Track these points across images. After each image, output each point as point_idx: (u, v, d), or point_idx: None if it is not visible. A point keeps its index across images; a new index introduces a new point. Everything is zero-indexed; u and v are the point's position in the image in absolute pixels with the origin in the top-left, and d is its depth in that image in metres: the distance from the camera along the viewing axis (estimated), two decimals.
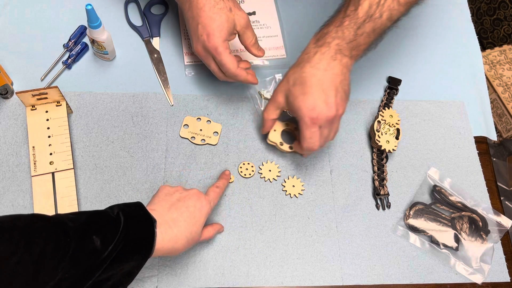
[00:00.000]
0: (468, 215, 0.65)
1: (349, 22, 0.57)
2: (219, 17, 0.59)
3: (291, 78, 0.59)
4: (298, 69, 0.58)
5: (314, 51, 0.58)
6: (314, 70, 0.57)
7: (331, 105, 0.56)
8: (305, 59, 0.58)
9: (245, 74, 0.63)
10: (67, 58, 0.70)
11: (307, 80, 0.57)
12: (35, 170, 0.59)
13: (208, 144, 0.67)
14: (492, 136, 0.74)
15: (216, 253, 0.60)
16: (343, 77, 0.57)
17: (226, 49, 0.60)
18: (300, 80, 0.57)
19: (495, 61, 1.46)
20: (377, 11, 0.57)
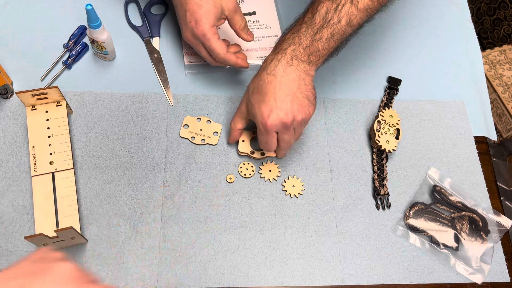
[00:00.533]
0: (468, 215, 0.65)
1: (306, 28, 0.58)
2: (205, 3, 0.60)
3: (251, 87, 0.60)
4: (256, 77, 0.59)
5: (270, 58, 0.58)
6: (270, 77, 0.57)
7: (285, 110, 0.56)
8: (262, 67, 0.59)
9: (235, 58, 0.65)
10: (67, 58, 0.70)
11: (263, 87, 0.57)
12: (35, 170, 0.59)
13: (208, 144, 0.67)
14: (492, 136, 0.74)
15: (216, 253, 0.60)
16: (301, 82, 0.57)
17: (215, 35, 0.61)
18: (258, 88, 0.58)
19: (495, 61, 1.46)
20: (334, 16, 0.57)
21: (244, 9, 0.79)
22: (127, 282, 0.58)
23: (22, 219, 0.60)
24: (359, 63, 0.77)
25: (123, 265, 0.58)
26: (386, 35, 0.80)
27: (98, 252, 0.59)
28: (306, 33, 0.57)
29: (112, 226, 0.60)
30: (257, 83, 0.58)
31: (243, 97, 0.63)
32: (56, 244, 0.56)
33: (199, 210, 0.62)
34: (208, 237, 0.61)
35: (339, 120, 0.71)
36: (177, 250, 0.60)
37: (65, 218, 0.57)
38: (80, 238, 0.57)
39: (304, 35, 0.57)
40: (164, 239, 0.60)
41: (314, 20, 0.58)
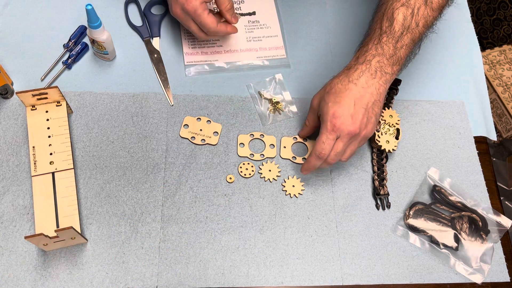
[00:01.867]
0: (468, 215, 0.65)
1: (387, 37, 0.58)
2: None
3: (328, 86, 0.60)
4: (337, 80, 0.59)
5: (355, 67, 0.59)
6: (351, 85, 0.58)
7: (356, 121, 0.57)
8: (345, 73, 0.59)
9: (225, 28, 0.67)
10: (67, 58, 0.70)
11: (342, 92, 0.58)
12: (35, 170, 0.59)
13: (208, 144, 0.67)
14: (492, 136, 0.74)
15: (216, 253, 0.60)
16: (377, 98, 0.58)
17: (205, 10, 0.63)
18: (336, 90, 0.58)
19: (495, 61, 1.46)
20: (412, 21, 0.58)
21: (244, 9, 0.79)
22: (127, 282, 0.58)
23: (22, 219, 0.60)
24: None
25: (123, 265, 0.58)
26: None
27: (98, 252, 0.59)
28: (388, 43, 0.58)
29: (112, 226, 0.60)
30: (335, 86, 0.59)
31: (316, 95, 0.63)
32: (56, 244, 0.56)
33: (199, 210, 0.63)
34: (208, 237, 0.61)
35: None
36: (177, 250, 0.60)
37: (65, 218, 0.57)
38: (80, 238, 0.57)
39: (387, 45, 0.58)
40: (164, 239, 0.60)
41: (393, 29, 0.58)
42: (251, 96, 0.71)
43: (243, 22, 0.77)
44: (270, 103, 0.71)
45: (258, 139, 0.68)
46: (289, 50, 0.76)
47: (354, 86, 0.57)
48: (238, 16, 0.70)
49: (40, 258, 0.58)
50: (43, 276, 0.57)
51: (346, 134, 0.57)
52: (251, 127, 0.69)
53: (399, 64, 0.59)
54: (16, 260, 0.57)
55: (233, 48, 0.75)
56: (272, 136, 0.68)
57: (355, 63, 0.59)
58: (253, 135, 0.68)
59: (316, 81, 0.74)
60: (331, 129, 0.57)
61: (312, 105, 0.63)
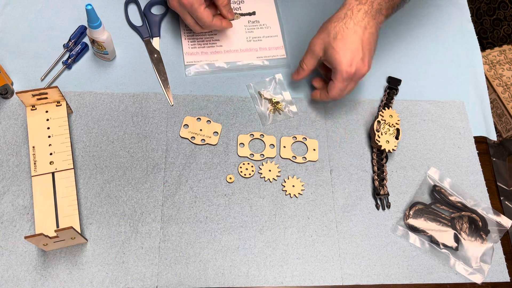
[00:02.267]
0: (468, 215, 0.65)
1: None
2: None
3: (333, 31, 0.60)
4: (341, 24, 0.60)
5: (357, 8, 0.60)
6: (357, 27, 0.59)
7: (366, 63, 0.61)
8: (348, 15, 0.60)
9: (220, 23, 0.68)
10: (67, 58, 0.70)
11: (349, 36, 0.59)
12: (35, 170, 0.59)
13: (208, 144, 0.67)
14: (492, 136, 0.74)
15: (216, 253, 0.60)
16: (377, 36, 0.62)
17: (201, 5, 0.64)
18: (342, 35, 0.60)
19: (495, 61, 1.46)
20: None
21: (244, 9, 0.79)
22: (127, 282, 0.58)
23: (22, 219, 0.60)
24: None
25: (123, 265, 0.58)
26: (386, 35, 0.80)
27: (98, 252, 0.59)
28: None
29: (112, 226, 0.60)
30: (341, 30, 0.60)
31: (316, 38, 0.62)
32: (56, 244, 0.56)
33: (199, 210, 0.63)
34: (208, 237, 0.61)
35: (339, 120, 0.71)
36: (177, 250, 0.60)
37: (65, 218, 0.57)
38: (80, 238, 0.57)
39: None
40: (164, 239, 0.60)
41: None
42: (251, 96, 0.71)
43: (243, 22, 0.77)
44: (270, 103, 0.71)
45: (258, 139, 0.68)
46: (289, 50, 0.76)
47: (359, 29, 0.59)
48: (238, 16, 0.70)
49: (40, 258, 0.58)
50: (43, 276, 0.57)
51: (359, 77, 0.61)
52: (251, 127, 0.69)
53: (392, 9, 0.62)
54: (16, 260, 0.57)
55: (233, 48, 0.75)
56: (272, 136, 0.68)
57: (357, 3, 0.60)
58: (253, 135, 0.68)
59: None
60: (347, 77, 0.61)
61: (313, 50, 0.63)
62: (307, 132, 0.70)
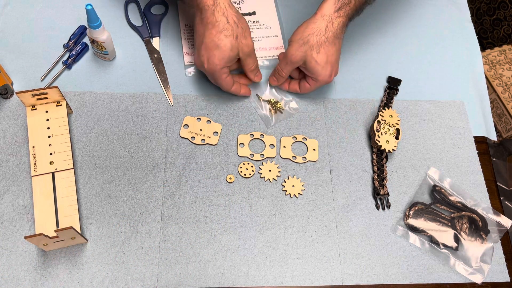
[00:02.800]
0: (468, 215, 0.65)
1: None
2: (223, 45, 0.61)
3: (315, 45, 0.62)
4: (323, 37, 0.62)
5: (336, 20, 0.62)
6: (336, 40, 0.63)
7: (337, 72, 0.67)
8: (329, 28, 0.62)
9: (239, 90, 0.68)
10: (67, 58, 0.70)
11: (329, 49, 0.63)
12: (35, 170, 0.59)
13: (208, 144, 0.67)
14: (492, 136, 0.74)
15: (216, 253, 0.60)
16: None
17: (223, 74, 0.64)
18: (324, 49, 0.62)
19: (495, 61, 1.46)
20: None
21: (244, 9, 0.79)
22: (127, 282, 0.58)
23: (22, 219, 0.60)
24: (359, 63, 0.77)
25: (123, 265, 0.58)
26: (386, 35, 0.80)
27: (98, 252, 0.59)
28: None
29: (112, 226, 0.60)
30: (323, 44, 0.62)
31: (296, 50, 0.63)
32: (56, 244, 0.56)
33: (199, 210, 0.63)
34: (208, 237, 0.61)
35: (339, 120, 0.71)
36: (177, 250, 0.60)
37: (65, 218, 0.57)
38: (80, 238, 0.57)
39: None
40: (164, 239, 0.60)
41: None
42: (250, 101, 0.71)
43: None
44: (270, 104, 0.71)
45: (258, 139, 0.68)
46: None
47: (337, 42, 0.64)
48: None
49: (40, 258, 0.58)
50: (43, 276, 0.57)
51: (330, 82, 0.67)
52: (251, 127, 0.69)
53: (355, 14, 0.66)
54: (16, 260, 0.57)
55: None
56: (272, 136, 0.68)
57: (336, 16, 0.62)
58: (253, 135, 0.68)
59: None
60: (323, 84, 0.67)
61: (293, 62, 0.64)
62: (307, 132, 0.70)
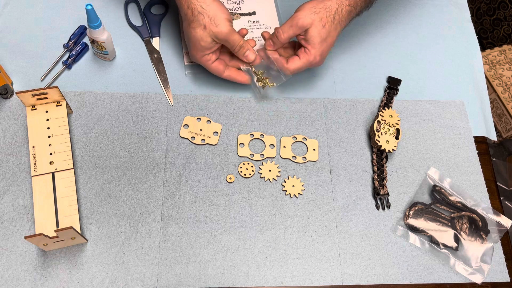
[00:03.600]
0: (468, 215, 0.65)
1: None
2: (192, 36, 0.64)
3: (324, 19, 0.64)
4: (331, 16, 0.64)
5: (346, 8, 0.64)
6: (338, 26, 0.65)
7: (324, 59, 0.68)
8: (338, 12, 0.64)
9: (234, 76, 0.69)
10: (67, 58, 0.70)
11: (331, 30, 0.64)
12: (35, 170, 0.59)
13: (208, 144, 0.67)
14: (492, 136, 0.74)
15: (216, 253, 0.60)
16: None
17: (207, 61, 0.66)
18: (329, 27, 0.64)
19: (495, 61, 1.46)
20: None
21: (244, 9, 0.79)
22: (127, 282, 0.58)
23: (22, 219, 0.60)
24: (359, 63, 0.77)
25: (123, 265, 0.58)
26: (386, 35, 0.80)
27: (98, 252, 0.59)
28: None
29: (112, 226, 0.60)
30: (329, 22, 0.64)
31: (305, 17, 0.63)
32: (56, 244, 0.56)
33: (199, 210, 0.63)
34: (208, 237, 0.61)
35: (339, 120, 0.71)
36: (177, 250, 0.60)
37: (65, 218, 0.57)
38: (80, 238, 0.57)
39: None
40: (164, 239, 0.60)
41: None
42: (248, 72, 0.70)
43: (243, 22, 0.77)
44: (257, 75, 0.69)
45: (258, 139, 0.68)
46: None
47: (339, 28, 0.65)
48: (238, 17, 0.70)
49: (40, 258, 0.58)
50: (43, 276, 0.57)
51: (315, 66, 0.68)
52: (251, 127, 0.69)
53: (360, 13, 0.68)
54: (16, 260, 0.57)
55: None
56: (272, 136, 0.68)
57: (347, 4, 0.64)
58: (253, 135, 0.68)
59: (315, 80, 0.74)
60: (313, 62, 0.66)
61: (298, 24, 0.64)
62: (307, 132, 0.70)
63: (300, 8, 0.65)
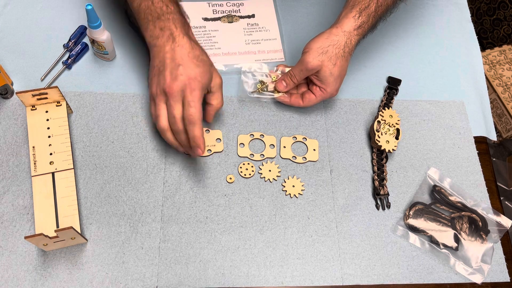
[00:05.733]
0: (468, 215, 0.65)
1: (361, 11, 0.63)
2: (202, 65, 0.58)
3: (333, 57, 0.63)
4: (341, 52, 0.63)
5: (355, 38, 0.64)
6: (348, 56, 0.64)
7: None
8: (347, 44, 0.63)
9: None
10: (67, 58, 0.70)
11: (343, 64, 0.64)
12: (35, 170, 0.59)
13: (216, 152, 0.66)
14: (492, 136, 0.74)
15: (216, 253, 0.60)
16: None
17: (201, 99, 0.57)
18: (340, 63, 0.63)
19: (495, 61, 1.46)
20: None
21: (243, 11, 0.79)
22: (127, 282, 0.58)
23: (22, 219, 0.60)
24: (359, 63, 0.77)
25: (123, 265, 0.58)
26: (386, 35, 0.80)
27: (98, 252, 0.59)
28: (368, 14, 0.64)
29: (112, 226, 0.60)
30: (339, 57, 0.63)
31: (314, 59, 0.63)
32: (56, 244, 0.56)
33: (199, 210, 0.63)
34: (208, 237, 0.61)
35: (339, 120, 0.71)
36: (177, 250, 0.60)
37: (65, 218, 0.57)
38: (80, 238, 0.57)
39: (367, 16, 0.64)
40: (164, 239, 0.60)
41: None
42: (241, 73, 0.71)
43: (242, 25, 0.77)
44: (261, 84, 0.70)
45: (258, 139, 0.68)
46: (288, 54, 0.76)
47: (349, 57, 0.65)
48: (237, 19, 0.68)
49: (40, 258, 0.58)
50: (43, 276, 0.57)
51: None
52: (251, 127, 0.69)
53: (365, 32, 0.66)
54: (16, 260, 0.57)
55: (231, 50, 0.75)
56: (272, 136, 0.68)
57: (355, 33, 0.63)
58: (253, 135, 0.68)
59: None
60: (328, 95, 0.66)
61: (308, 69, 0.64)
62: (307, 132, 0.70)
63: (307, 49, 0.64)
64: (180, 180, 0.64)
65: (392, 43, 0.79)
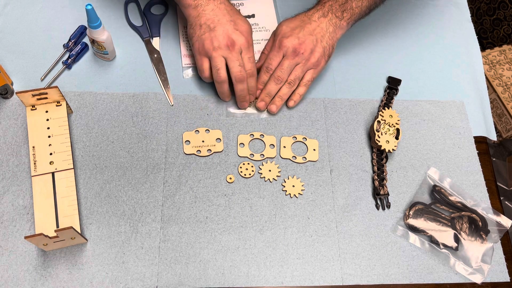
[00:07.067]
0: (468, 215, 0.65)
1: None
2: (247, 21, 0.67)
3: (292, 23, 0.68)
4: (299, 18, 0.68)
5: (313, 9, 0.68)
6: (305, 18, 0.67)
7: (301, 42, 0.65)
8: (305, 13, 0.69)
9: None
10: (67, 58, 0.70)
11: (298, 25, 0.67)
12: (35, 170, 0.59)
13: (216, 152, 0.66)
14: (492, 136, 0.74)
15: (216, 253, 0.60)
16: (325, 33, 0.67)
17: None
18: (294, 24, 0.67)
19: (495, 61, 1.46)
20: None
21: (244, 12, 0.79)
22: (127, 282, 0.58)
23: (22, 219, 0.60)
24: (359, 63, 0.77)
25: (123, 265, 0.58)
26: (386, 35, 0.80)
27: (98, 252, 0.59)
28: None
29: (112, 226, 0.60)
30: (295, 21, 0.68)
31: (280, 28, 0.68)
32: (56, 244, 0.56)
33: (199, 210, 0.63)
34: (208, 237, 0.61)
35: (339, 120, 0.71)
36: (177, 250, 0.60)
37: (65, 218, 0.57)
38: (80, 238, 0.57)
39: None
40: (164, 239, 0.60)
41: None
42: None
43: None
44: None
45: (258, 139, 0.68)
46: None
47: (307, 20, 0.67)
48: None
49: (40, 258, 0.58)
50: (43, 276, 0.57)
51: (291, 51, 0.65)
52: (251, 127, 0.69)
53: (351, 14, 0.67)
54: (16, 260, 0.57)
55: None
56: (272, 136, 0.68)
57: (313, 7, 0.69)
58: (253, 135, 0.68)
59: (315, 80, 0.74)
60: (277, 46, 0.66)
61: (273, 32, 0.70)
62: (307, 132, 0.70)
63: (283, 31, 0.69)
64: (180, 180, 0.64)
65: (392, 43, 0.79)
